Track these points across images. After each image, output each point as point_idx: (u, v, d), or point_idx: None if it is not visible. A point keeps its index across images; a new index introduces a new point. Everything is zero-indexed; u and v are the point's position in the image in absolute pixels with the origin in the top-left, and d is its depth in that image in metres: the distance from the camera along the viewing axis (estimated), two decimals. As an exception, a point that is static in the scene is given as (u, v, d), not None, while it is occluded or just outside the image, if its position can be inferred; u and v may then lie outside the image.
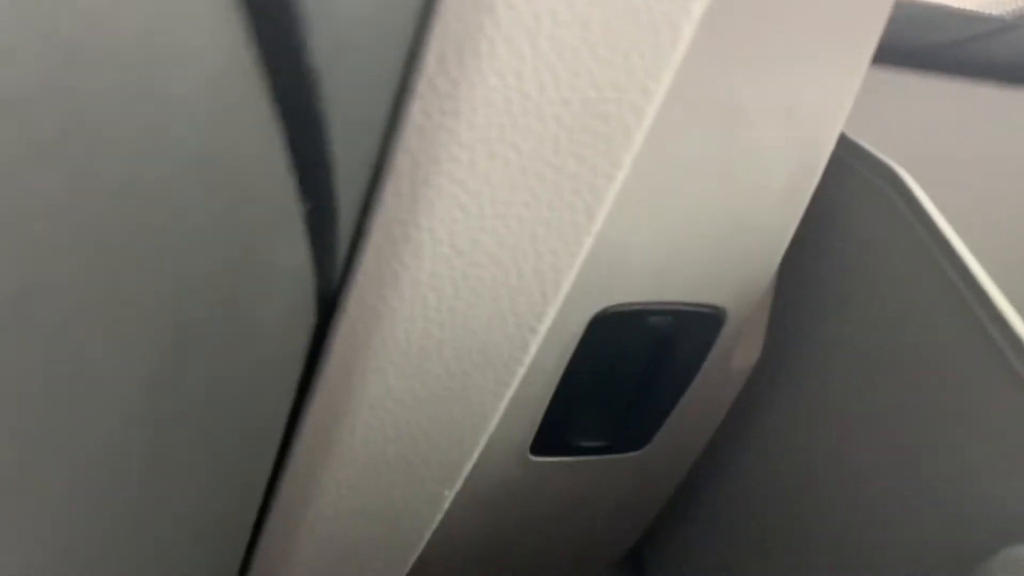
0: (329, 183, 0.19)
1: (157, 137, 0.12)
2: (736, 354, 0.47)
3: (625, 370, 0.45)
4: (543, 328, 0.31)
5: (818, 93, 0.38)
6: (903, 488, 0.38)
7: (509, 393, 0.33)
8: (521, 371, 0.32)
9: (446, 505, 0.39)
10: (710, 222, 0.39)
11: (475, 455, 0.36)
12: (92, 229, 0.12)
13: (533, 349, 0.31)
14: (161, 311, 0.14)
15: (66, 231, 0.11)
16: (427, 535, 0.41)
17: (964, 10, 0.62)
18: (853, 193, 0.41)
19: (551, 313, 0.30)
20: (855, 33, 0.38)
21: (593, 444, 0.49)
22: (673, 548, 0.64)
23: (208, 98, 0.13)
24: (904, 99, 0.58)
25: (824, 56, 0.38)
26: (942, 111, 0.60)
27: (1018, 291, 0.64)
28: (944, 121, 0.60)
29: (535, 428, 0.47)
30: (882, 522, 0.39)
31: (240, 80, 0.14)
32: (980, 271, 0.34)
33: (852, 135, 0.44)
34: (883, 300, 0.40)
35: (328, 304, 0.28)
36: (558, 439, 0.48)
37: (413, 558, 0.42)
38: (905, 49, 0.59)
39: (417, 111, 0.23)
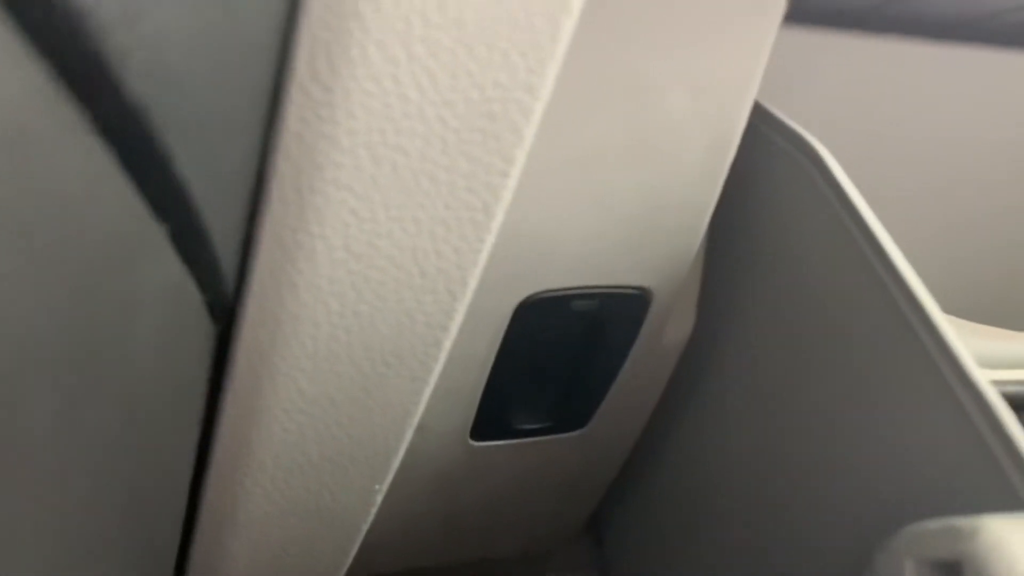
0: (185, 201, 0.19)
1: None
2: (668, 331, 0.47)
3: (557, 353, 0.45)
4: (454, 325, 0.30)
5: (726, 64, 0.37)
6: (821, 458, 0.39)
7: (428, 389, 0.33)
8: (437, 367, 0.32)
9: (379, 499, 0.39)
10: (627, 204, 0.39)
11: (402, 449, 0.36)
12: None
13: (447, 345, 0.31)
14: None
15: None
16: (364, 528, 0.41)
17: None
18: (771, 165, 0.42)
19: (461, 309, 0.30)
20: (760, 1, 0.38)
21: (533, 426, 0.50)
22: (629, 518, 0.65)
23: (9, 141, 0.12)
24: (827, 58, 0.58)
25: (730, 26, 0.37)
26: (863, 69, 0.61)
27: (927, 250, 0.65)
28: (866, 79, 0.61)
29: (473, 414, 0.47)
30: (804, 489, 0.40)
31: (49, 119, 0.13)
32: (893, 248, 0.34)
33: (776, 98, 0.44)
34: (802, 273, 0.40)
35: (229, 311, 0.28)
36: (497, 423, 0.48)
37: (353, 550, 0.43)
38: (827, 8, 0.59)
39: (294, 118, 0.23)
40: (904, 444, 0.32)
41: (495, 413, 0.47)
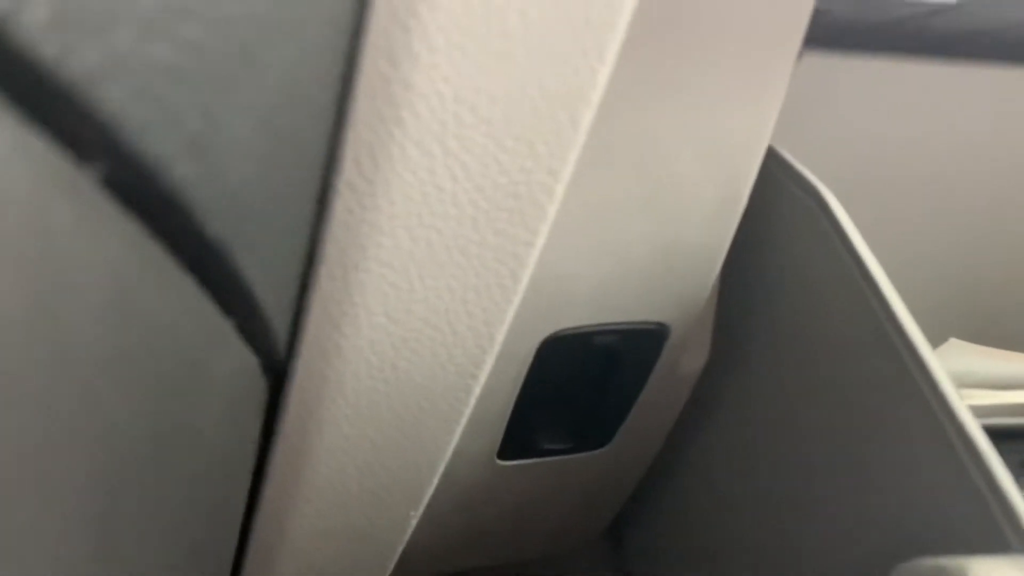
0: (248, 295, 0.21)
1: (69, 333, 0.14)
2: (683, 361, 0.49)
3: (578, 383, 0.47)
4: (483, 373, 0.33)
5: (738, 121, 0.39)
6: (822, 490, 0.41)
7: (459, 427, 0.36)
8: (467, 409, 0.35)
9: (413, 523, 0.41)
10: (644, 250, 0.41)
11: (435, 479, 0.39)
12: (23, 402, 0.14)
13: (476, 389, 0.34)
14: (97, 451, 0.17)
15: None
16: (399, 549, 0.43)
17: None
18: (781, 207, 0.43)
19: (489, 360, 0.33)
20: (772, 51, 0.39)
21: (556, 446, 0.52)
22: (648, 521, 0.68)
23: (115, 283, 0.15)
24: (837, 84, 0.59)
25: (741, 78, 0.39)
26: (884, 91, 0.61)
27: (923, 282, 0.66)
28: (882, 101, 0.62)
29: (500, 438, 0.50)
30: (807, 519, 0.42)
31: (140, 261, 0.16)
32: (891, 290, 0.36)
33: (786, 121, 0.44)
34: (808, 311, 0.42)
35: (279, 368, 0.30)
36: (522, 444, 0.51)
37: (390, 568, 0.45)
38: (841, 30, 0.60)
39: (340, 208, 0.25)
40: (900, 485, 0.34)
41: (521, 436, 0.50)
